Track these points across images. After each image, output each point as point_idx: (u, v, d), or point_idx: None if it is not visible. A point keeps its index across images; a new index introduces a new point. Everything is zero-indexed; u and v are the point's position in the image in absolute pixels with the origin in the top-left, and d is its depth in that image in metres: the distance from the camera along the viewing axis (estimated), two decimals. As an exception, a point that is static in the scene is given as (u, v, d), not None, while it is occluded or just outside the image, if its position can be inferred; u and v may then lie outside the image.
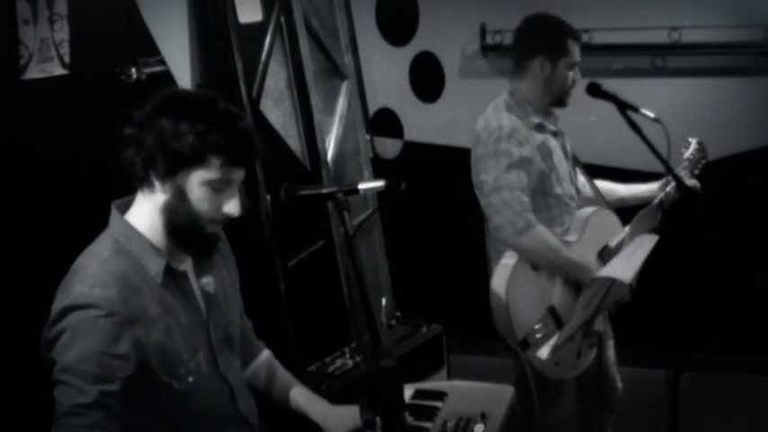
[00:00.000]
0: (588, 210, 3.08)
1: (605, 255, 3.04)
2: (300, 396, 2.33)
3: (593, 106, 3.04)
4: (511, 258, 2.89)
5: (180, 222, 1.96)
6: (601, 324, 3.12)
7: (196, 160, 1.91)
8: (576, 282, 2.95)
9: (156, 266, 1.98)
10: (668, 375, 2.74)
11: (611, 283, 2.76)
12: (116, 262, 1.94)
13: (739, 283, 4.28)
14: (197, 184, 1.93)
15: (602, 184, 3.26)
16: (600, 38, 4.08)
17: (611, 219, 3.11)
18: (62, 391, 1.84)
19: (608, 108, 2.94)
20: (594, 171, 3.25)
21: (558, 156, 3.07)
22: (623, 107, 2.91)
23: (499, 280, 2.87)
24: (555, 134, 3.11)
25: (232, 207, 1.98)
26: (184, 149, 1.89)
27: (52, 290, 1.94)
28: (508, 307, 2.82)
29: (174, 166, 1.91)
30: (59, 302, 1.90)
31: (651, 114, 2.86)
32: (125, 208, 2.03)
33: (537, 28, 3.06)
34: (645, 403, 3.25)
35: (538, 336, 2.84)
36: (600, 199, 3.17)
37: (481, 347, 4.28)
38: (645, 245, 2.83)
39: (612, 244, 3.05)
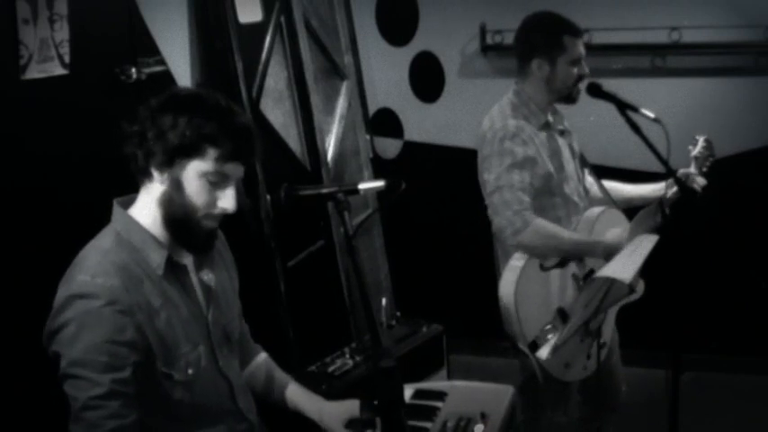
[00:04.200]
0: (596, 210, 3.07)
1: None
2: (296, 394, 2.34)
3: (593, 106, 3.04)
4: (519, 260, 2.88)
5: (175, 214, 1.99)
6: (609, 328, 3.12)
7: (192, 150, 1.94)
8: (586, 279, 2.94)
9: (157, 258, 2.00)
10: (668, 375, 2.74)
11: (611, 283, 2.76)
12: (118, 253, 1.97)
13: (739, 283, 4.28)
14: (193, 175, 1.96)
15: (609, 185, 3.25)
16: (600, 38, 4.08)
17: (620, 219, 3.09)
18: (75, 385, 1.85)
19: (608, 108, 2.93)
20: (595, 171, 3.25)
21: (565, 155, 3.06)
22: (623, 107, 2.91)
23: (508, 282, 2.86)
24: (562, 133, 3.10)
25: (227, 202, 2.00)
26: (180, 140, 1.93)
27: (53, 288, 1.95)
28: (517, 309, 2.82)
29: (170, 156, 1.94)
30: (63, 292, 1.91)
31: (651, 114, 2.86)
32: (127, 204, 2.06)
33: (532, 28, 3.05)
34: (645, 403, 3.25)
35: (547, 337, 2.83)
36: (608, 199, 3.16)
37: (481, 347, 4.31)
38: (645, 245, 2.82)
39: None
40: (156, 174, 1.97)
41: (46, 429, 1.91)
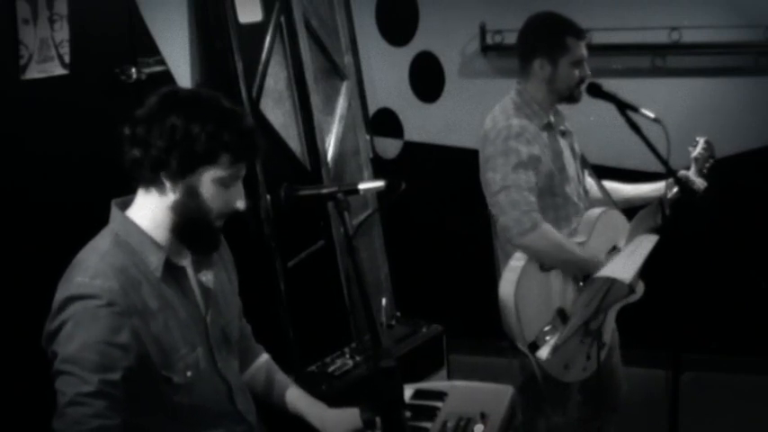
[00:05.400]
0: (597, 210, 3.07)
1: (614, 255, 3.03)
2: (298, 399, 2.34)
3: (593, 106, 3.04)
4: (519, 260, 2.88)
5: (191, 220, 1.99)
6: (609, 328, 3.12)
7: (208, 159, 1.94)
8: (585, 280, 2.94)
9: (155, 260, 2.00)
10: (668, 375, 2.74)
11: (612, 283, 2.76)
12: (116, 255, 1.97)
13: (739, 283, 4.28)
14: (209, 182, 1.96)
15: (609, 185, 3.25)
16: (600, 38, 4.07)
17: (620, 219, 3.10)
18: (64, 381, 1.85)
19: (608, 108, 2.94)
20: (595, 171, 3.26)
21: (566, 155, 3.06)
22: (623, 107, 2.91)
23: (508, 282, 2.85)
24: (563, 134, 3.10)
25: (239, 201, 2.02)
26: (198, 150, 1.92)
27: (52, 288, 1.95)
28: (517, 309, 2.81)
29: (187, 167, 1.94)
30: (61, 294, 1.91)
31: (651, 114, 2.86)
32: (125, 206, 2.05)
33: (535, 28, 3.05)
34: (645, 403, 3.25)
35: (547, 338, 2.83)
36: (608, 200, 3.16)
37: (481, 347, 4.31)
38: (645, 245, 2.83)
39: (621, 245, 3.05)
40: (168, 183, 1.96)
41: (45, 430, 1.90)
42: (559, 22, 3.02)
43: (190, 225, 2.00)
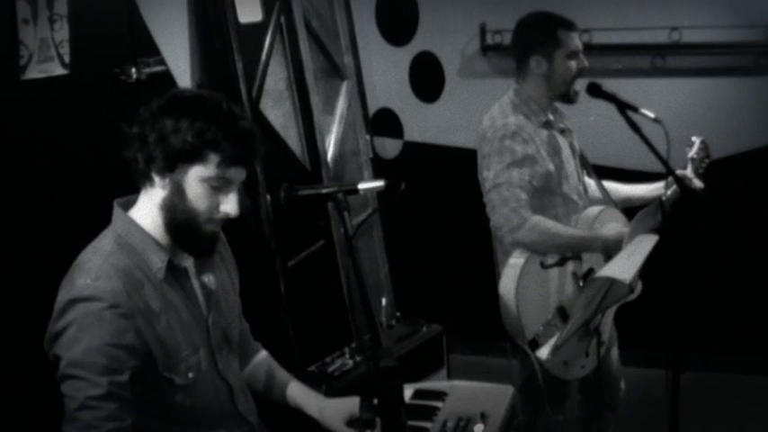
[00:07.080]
0: (596, 209, 3.07)
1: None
2: (296, 392, 2.34)
3: (593, 106, 3.04)
4: (519, 257, 2.88)
5: (177, 219, 1.98)
6: (607, 326, 3.12)
7: (194, 156, 1.93)
8: (586, 278, 2.94)
9: (158, 261, 2.00)
10: (668, 375, 2.74)
11: (611, 283, 2.76)
12: (119, 256, 1.96)
13: (739, 283, 4.28)
14: (195, 180, 1.95)
15: (608, 185, 3.26)
16: (600, 38, 4.08)
17: (619, 218, 3.10)
18: (72, 386, 1.85)
19: (608, 108, 2.94)
20: (595, 171, 3.26)
21: (565, 153, 3.06)
22: (623, 107, 2.91)
23: (508, 280, 2.86)
24: (562, 131, 3.11)
25: (230, 207, 1.99)
26: (182, 145, 1.92)
27: (54, 288, 1.94)
28: (518, 307, 2.82)
29: (171, 161, 1.94)
30: (63, 296, 1.91)
31: (651, 114, 2.86)
32: (128, 206, 2.05)
33: (526, 27, 3.07)
34: (645, 403, 3.25)
35: (547, 337, 2.83)
36: (607, 199, 3.17)
37: (481, 347, 4.31)
38: (645, 245, 2.82)
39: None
40: (157, 178, 1.96)
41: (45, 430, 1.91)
42: (548, 17, 3.05)
43: (177, 225, 1.99)
